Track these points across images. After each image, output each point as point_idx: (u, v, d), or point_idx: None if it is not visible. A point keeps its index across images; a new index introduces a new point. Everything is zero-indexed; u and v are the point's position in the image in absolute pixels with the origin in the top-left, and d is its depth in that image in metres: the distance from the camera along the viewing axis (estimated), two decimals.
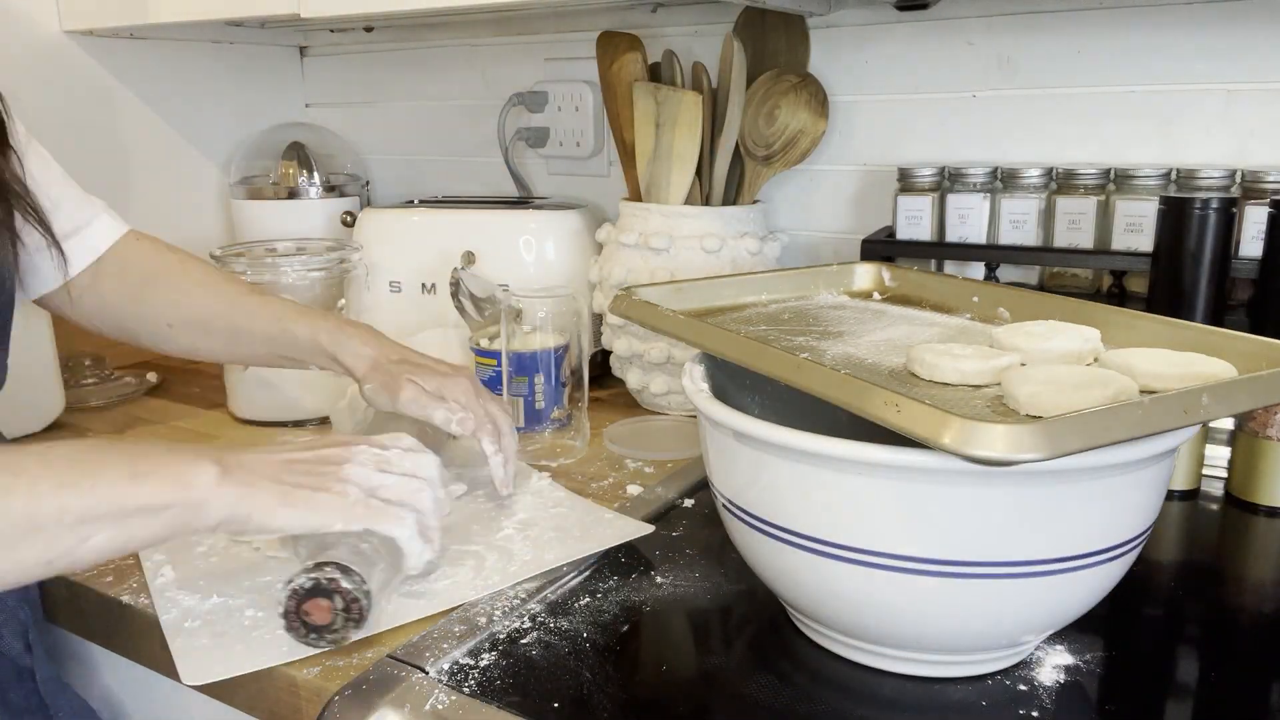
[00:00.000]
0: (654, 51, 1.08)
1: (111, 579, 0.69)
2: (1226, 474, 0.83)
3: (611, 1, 1.08)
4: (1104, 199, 0.91)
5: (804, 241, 1.13)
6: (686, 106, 0.99)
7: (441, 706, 0.54)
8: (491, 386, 0.97)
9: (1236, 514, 0.80)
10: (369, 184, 1.42)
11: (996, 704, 0.54)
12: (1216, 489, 0.83)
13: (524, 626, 0.62)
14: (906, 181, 0.98)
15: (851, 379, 0.50)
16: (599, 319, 1.08)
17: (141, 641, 0.66)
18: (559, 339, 0.93)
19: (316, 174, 1.32)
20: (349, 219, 1.22)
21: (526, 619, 0.63)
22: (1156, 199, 0.82)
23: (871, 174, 1.08)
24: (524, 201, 1.20)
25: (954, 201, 0.95)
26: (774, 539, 0.55)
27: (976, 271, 0.97)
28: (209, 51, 1.36)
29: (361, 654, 0.59)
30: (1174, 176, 0.89)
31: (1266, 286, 0.80)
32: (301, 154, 1.32)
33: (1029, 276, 0.99)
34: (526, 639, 0.61)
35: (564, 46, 1.25)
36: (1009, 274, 0.99)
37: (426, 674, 0.57)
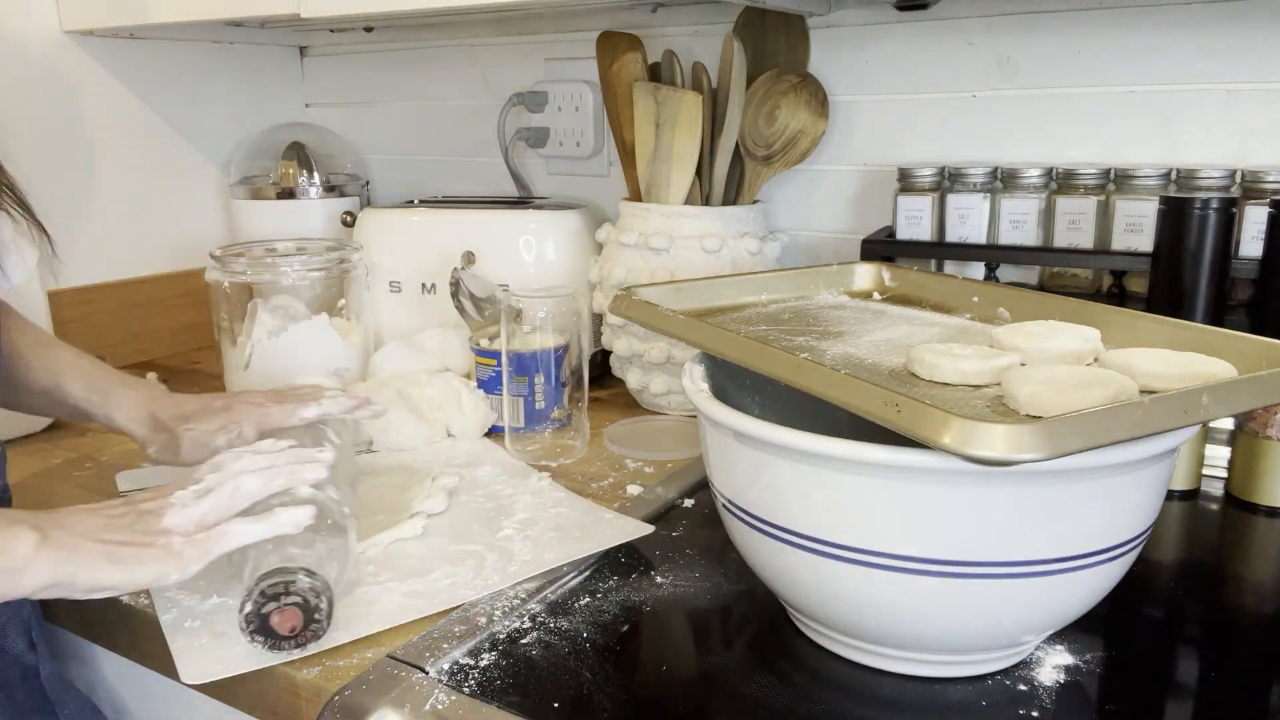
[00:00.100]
0: (654, 51, 1.08)
1: None
2: (1226, 474, 0.83)
3: (611, 1, 1.08)
4: (1104, 199, 0.91)
5: (804, 241, 1.13)
6: (686, 106, 0.99)
7: (441, 706, 0.54)
8: (492, 386, 0.97)
9: (1236, 514, 0.80)
10: (369, 184, 1.42)
11: (996, 704, 0.54)
12: (1216, 489, 0.83)
13: (524, 626, 0.62)
14: (906, 181, 0.98)
15: (851, 379, 0.50)
16: (599, 319, 1.08)
17: (141, 641, 0.66)
18: (559, 339, 0.93)
19: (316, 174, 1.32)
20: (349, 219, 1.22)
21: (526, 619, 0.63)
22: (1156, 199, 0.82)
23: (871, 174, 1.08)
24: (524, 201, 1.20)
25: (954, 201, 0.95)
26: (774, 539, 0.55)
27: (976, 271, 0.97)
28: (209, 51, 1.36)
29: (361, 654, 0.59)
30: (1174, 176, 0.89)
31: (1266, 286, 0.80)
32: (301, 154, 1.32)
33: (1029, 276, 0.99)
34: (526, 639, 0.61)
35: (564, 46, 1.25)
36: (1009, 274, 0.99)
37: (426, 674, 0.57)
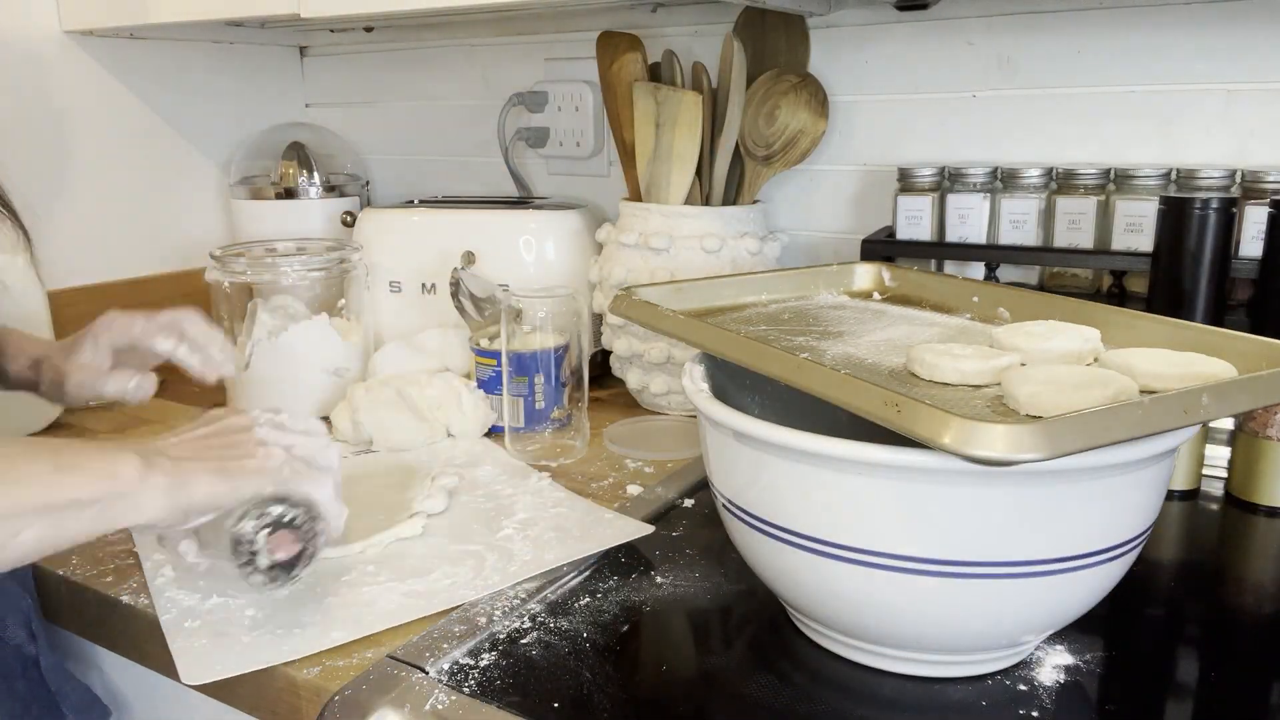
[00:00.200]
0: (654, 51, 1.08)
1: (112, 579, 0.69)
2: (1226, 474, 0.83)
3: (611, 1, 1.08)
4: (1104, 199, 0.91)
5: (804, 241, 1.13)
6: (686, 106, 0.99)
7: (441, 706, 0.54)
8: (492, 386, 0.97)
9: (1236, 514, 0.80)
10: (369, 184, 1.42)
11: (996, 704, 0.54)
12: (1216, 489, 0.83)
13: (524, 626, 0.62)
14: (906, 181, 0.98)
15: (851, 379, 0.50)
16: (599, 319, 1.08)
17: (142, 641, 0.66)
18: (559, 339, 0.93)
19: (316, 174, 1.32)
20: (349, 219, 1.22)
21: (526, 619, 0.63)
22: (1156, 199, 0.82)
23: (871, 174, 1.08)
24: (524, 201, 1.20)
25: (954, 201, 0.95)
26: (774, 539, 0.55)
27: (976, 271, 0.97)
28: (209, 51, 1.36)
29: (361, 654, 0.59)
30: (1174, 176, 0.89)
31: (1266, 286, 0.80)
32: (301, 154, 1.32)
33: (1029, 276, 0.99)
34: (526, 639, 0.61)
35: (564, 46, 1.25)
36: (1009, 274, 0.99)
37: (426, 674, 0.57)
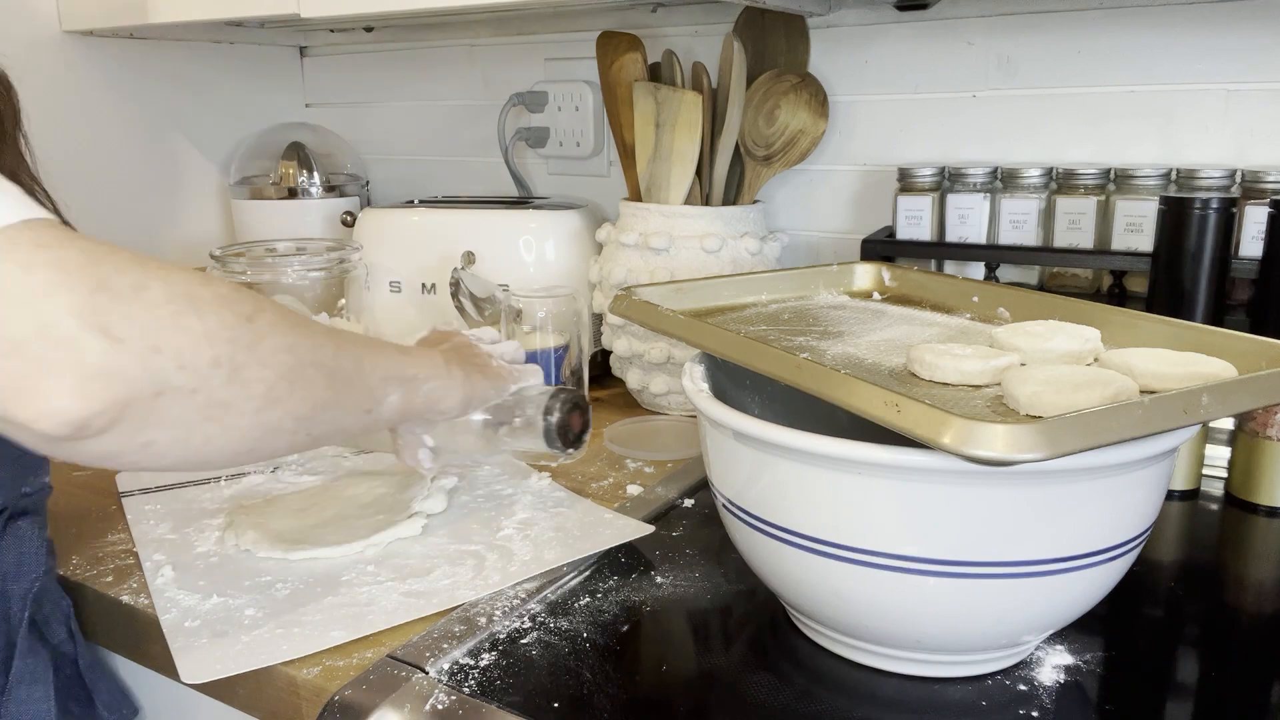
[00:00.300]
0: (654, 51, 1.08)
1: (111, 579, 0.69)
2: (1226, 474, 0.83)
3: (611, 1, 1.08)
4: (1104, 199, 0.91)
5: (804, 241, 1.13)
6: (686, 106, 0.98)
7: (441, 706, 0.54)
8: None
9: (1236, 514, 0.80)
10: (369, 184, 1.42)
11: (996, 704, 0.54)
12: (1216, 489, 0.83)
13: (524, 626, 0.62)
14: (906, 181, 0.98)
15: (851, 379, 0.50)
16: (599, 319, 1.08)
17: (142, 641, 0.65)
18: (559, 339, 0.92)
19: (316, 174, 1.32)
20: (349, 219, 1.22)
21: (526, 619, 0.63)
22: (1156, 199, 0.82)
23: (871, 174, 1.08)
24: (524, 201, 1.20)
25: (954, 201, 0.95)
26: (774, 539, 0.55)
27: (976, 271, 0.97)
28: (209, 51, 1.36)
29: (361, 654, 0.59)
30: (1174, 176, 0.89)
31: (1266, 286, 0.80)
32: (301, 154, 1.32)
33: (1029, 276, 0.99)
34: (526, 639, 0.61)
35: (564, 46, 1.25)
36: (1009, 274, 0.99)
37: (426, 674, 0.57)
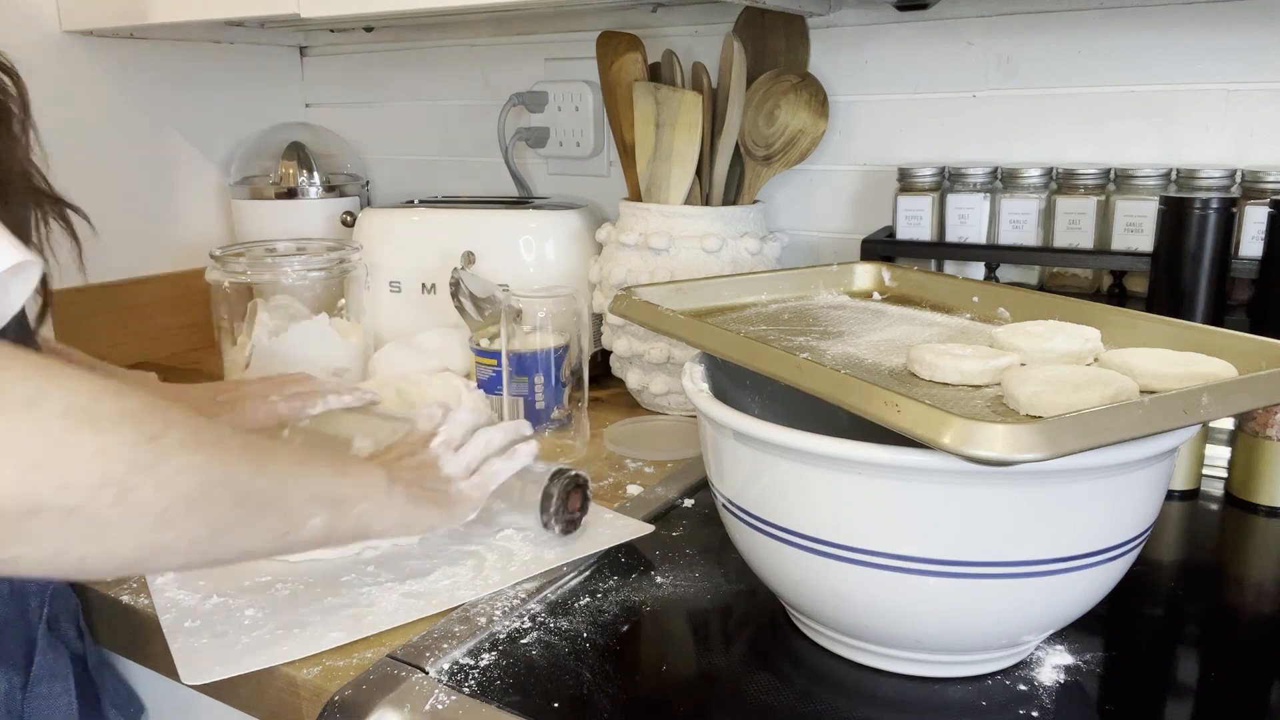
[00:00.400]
0: (654, 51, 1.08)
1: (111, 579, 0.69)
2: (1226, 474, 0.83)
3: (611, 1, 1.08)
4: (1104, 199, 0.91)
5: (804, 241, 1.13)
6: (686, 106, 0.98)
7: (441, 706, 0.54)
8: (492, 386, 0.97)
9: (1236, 514, 0.80)
10: (369, 184, 1.42)
11: (996, 704, 0.54)
12: (1216, 489, 0.83)
13: (524, 626, 0.62)
14: (906, 181, 0.98)
15: (851, 379, 0.50)
16: (599, 319, 1.08)
17: (142, 641, 0.65)
18: (559, 339, 0.92)
19: (316, 174, 1.32)
20: (349, 219, 1.22)
21: (526, 619, 0.63)
22: (1156, 199, 0.82)
23: (871, 174, 1.08)
24: (524, 201, 1.20)
25: (954, 201, 0.95)
26: (774, 539, 0.55)
27: (976, 271, 0.97)
28: (209, 51, 1.36)
29: (361, 654, 0.59)
30: (1174, 176, 0.89)
31: (1266, 286, 0.80)
32: (301, 154, 1.32)
33: (1029, 276, 0.99)
34: (526, 639, 0.61)
35: (564, 46, 1.25)
36: (1009, 274, 0.99)
37: (426, 674, 0.57)
